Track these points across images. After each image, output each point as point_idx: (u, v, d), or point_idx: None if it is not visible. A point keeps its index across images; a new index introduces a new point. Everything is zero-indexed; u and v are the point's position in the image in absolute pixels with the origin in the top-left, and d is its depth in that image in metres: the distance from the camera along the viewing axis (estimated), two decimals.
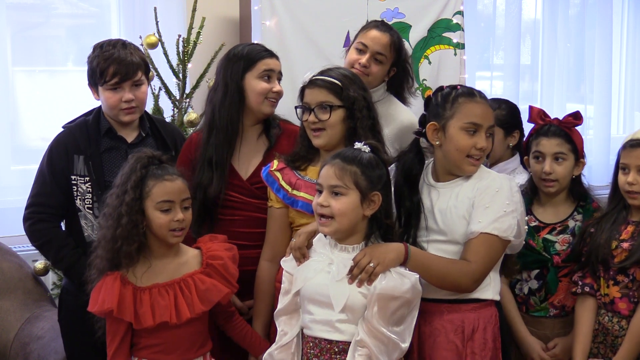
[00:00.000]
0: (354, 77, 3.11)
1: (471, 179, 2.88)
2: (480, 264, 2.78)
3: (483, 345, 2.85)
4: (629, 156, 3.09)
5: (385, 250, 2.65)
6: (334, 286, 2.62)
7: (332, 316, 2.62)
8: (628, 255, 3.05)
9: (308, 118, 3.02)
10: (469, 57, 4.66)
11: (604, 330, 3.13)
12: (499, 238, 2.78)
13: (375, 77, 3.56)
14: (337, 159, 2.66)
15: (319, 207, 2.63)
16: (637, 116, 5.90)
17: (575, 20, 5.61)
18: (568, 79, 5.61)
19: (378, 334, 2.57)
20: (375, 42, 3.54)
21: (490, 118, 2.85)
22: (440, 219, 2.86)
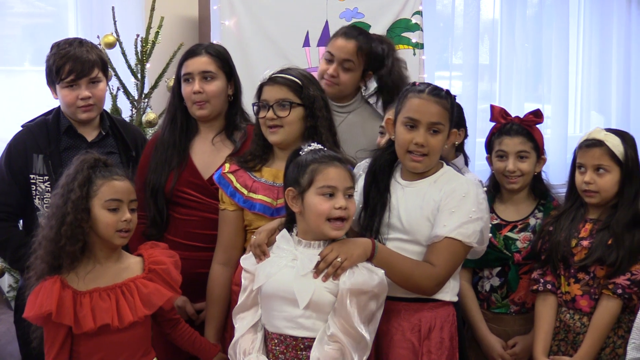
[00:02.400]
0: (312, 78, 3.12)
1: (439, 181, 2.89)
2: (444, 268, 2.80)
3: (439, 344, 2.87)
4: (585, 156, 3.13)
5: (353, 246, 2.66)
6: (299, 281, 2.61)
7: (297, 312, 2.62)
8: (588, 253, 3.08)
9: (266, 115, 3.00)
10: (428, 57, 4.69)
11: (565, 328, 3.16)
12: (462, 243, 2.80)
13: (347, 86, 3.59)
14: (336, 161, 2.66)
15: (339, 211, 2.61)
16: (594, 115, 5.97)
17: (532, 21, 5.67)
18: (526, 79, 5.66)
19: (352, 331, 2.58)
20: (341, 50, 3.55)
21: (432, 114, 2.82)
22: (405, 217, 2.87)
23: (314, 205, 2.61)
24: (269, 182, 3.04)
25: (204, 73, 3.21)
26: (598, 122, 5.84)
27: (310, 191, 2.62)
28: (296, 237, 2.71)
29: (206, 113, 3.23)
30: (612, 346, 3.10)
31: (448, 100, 2.87)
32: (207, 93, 3.20)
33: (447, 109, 2.85)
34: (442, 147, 2.87)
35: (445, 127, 2.84)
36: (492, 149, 3.36)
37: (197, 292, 3.14)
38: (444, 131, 2.85)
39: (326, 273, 2.60)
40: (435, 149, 2.84)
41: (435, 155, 2.86)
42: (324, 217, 2.60)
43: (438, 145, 2.84)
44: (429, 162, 2.86)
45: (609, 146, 3.09)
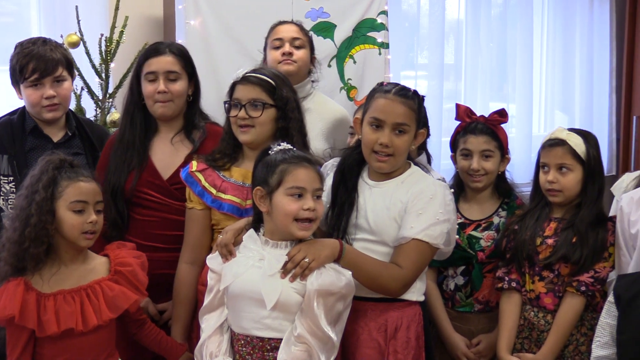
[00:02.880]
0: (285, 78, 3.11)
1: (406, 182, 2.90)
2: (411, 269, 2.81)
3: (406, 344, 2.88)
4: (548, 155, 3.17)
5: (321, 247, 2.67)
6: (266, 282, 2.61)
7: (264, 313, 2.61)
8: (553, 251, 3.12)
9: (238, 114, 2.99)
10: (393, 56, 4.70)
11: (529, 326, 3.19)
12: (429, 245, 2.82)
13: (303, 62, 3.63)
14: (305, 162, 2.67)
15: (307, 212, 2.62)
16: (558, 115, 6.01)
17: (497, 21, 5.69)
18: (491, 78, 5.67)
19: (319, 332, 2.59)
20: (287, 31, 3.64)
21: (397, 115, 2.83)
22: (372, 218, 2.88)
23: (282, 206, 2.62)
24: (238, 182, 3.03)
25: (169, 73, 3.20)
26: (562, 122, 5.90)
27: (279, 191, 2.62)
28: (263, 237, 2.70)
29: (168, 112, 3.22)
30: (575, 343, 3.15)
31: (415, 100, 2.88)
32: (171, 93, 3.20)
33: (414, 110, 2.86)
34: (408, 147, 2.89)
35: (411, 127, 2.85)
36: (457, 148, 3.39)
37: (159, 293, 3.14)
38: (410, 132, 2.85)
39: (293, 273, 2.61)
40: (400, 150, 2.85)
41: (400, 156, 2.86)
42: (292, 217, 2.61)
43: (403, 146, 2.85)
44: (395, 163, 2.87)
45: (572, 145, 3.12)
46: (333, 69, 4.30)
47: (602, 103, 6.13)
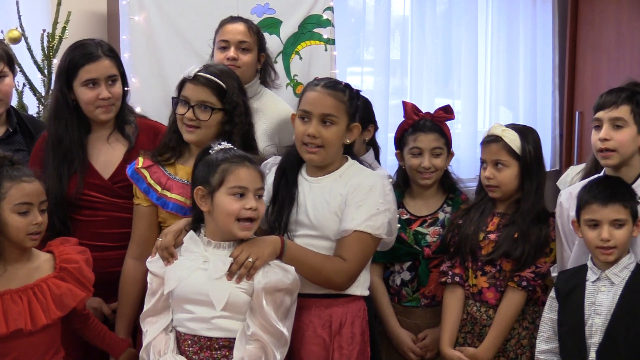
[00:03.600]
0: (236, 78, 3.10)
1: (344, 175, 2.91)
2: (355, 261, 2.83)
3: (351, 340, 2.90)
4: (485, 152, 3.22)
5: (263, 245, 2.68)
6: (214, 285, 2.62)
7: (212, 313, 2.62)
8: (495, 247, 3.15)
9: (185, 113, 2.98)
10: (339, 52, 4.70)
11: (471, 320, 3.23)
12: (371, 236, 2.83)
13: (248, 67, 3.59)
14: (247, 161, 2.68)
15: (249, 211, 2.63)
16: (503, 111, 6.06)
17: (442, 17, 5.72)
18: (436, 75, 5.71)
19: (271, 328, 2.60)
20: (234, 33, 3.58)
21: (324, 106, 2.85)
22: (312, 213, 2.89)
23: (223, 205, 2.62)
24: (183, 180, 3.03)
25: (110, 77, 3.16)
26: (506, 118, 5.96)
27: (220, 191, 2.63)
28: (205, 237, 2.70)
29: (111, 116, 3.20)
30: (517, 337, 3.19)
31: (345, 93, 2.89)
32: (114, 96, 3.17)
33: (343, 102, 2.87)
34: (339, 139, 2.88)
35: (339, 119, 2.86)
36: (405, 145, 3.39)
37: (109, 291, 3.12)
38: (339, 123, 2.86)
39: (239, 274, 2.62)
40: (329, 141, 2.86)
41: (330, 147, 2.87)
42: (234, 217, 2.62)
43: (332, 137, 2.86)
44: (326, 154, 2.88)
45: (507, 141, 3.16)
46: (279, 65, 4.27)
47: (546, 99, 6.21)
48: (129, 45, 4.03)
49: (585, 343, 2.81)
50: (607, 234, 2.77)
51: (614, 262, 2.82)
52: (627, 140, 2.91)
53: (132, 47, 4.03)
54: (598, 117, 2.95)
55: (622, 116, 2.91)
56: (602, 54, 5.98)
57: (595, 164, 3.21)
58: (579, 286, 2.87)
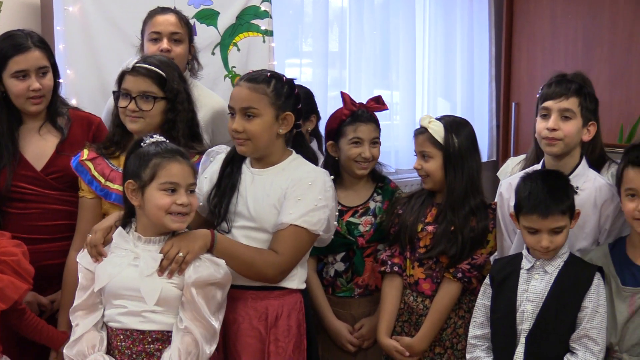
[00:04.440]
0: (175, 67, 3.11)
1: (286, 169, 2.92)
2: (288, 255, 2.83)
3: (287, 332, 2.91)
4: (415, 143, 3.25)
5: (193, 239, 2.67)
6: (145, 281, 2.61)
7: (144, 307, 2.61)
8: (431, 245, 3.18)
9: (127, 105, 2.97)
10: (278, 44, 4.69)
11: (408, 310, 3.25)
12: (307, 231, 2.84)
13: (181, 60, 3.57)
14: (179, 156, 2.67)
15: (180, 207, 2.63)
16: (440, 102, 6.10)
17: (380, 9, 5.72)
18: (375, 66, 5.71)
19: (203, 322, 2.60)
20: (166, 24, 3.56)
21: (242, 100, 2.86)
22: (252, 205, 2.89)
23: (154, 200, 2.61)
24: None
25: (40, 69, 3.13)
26: (444, 109, 6.00)
27: (151, 186, 2.62)
28: (136, 232, 2.69)
29: (42, 107, 3.18)
30: (453, 326, 3.22)
31: (270, 84, 2.88)
32: (44, 88, 3.15)
33: (266, 93, 2.86)
34: (265, 131, 2.87)
35: (262, 111, 2.85)
36: (342, 136, 3.38)
37: (45, 284, 3.10)
38: (262, 115, 2.85)
39: (170, 270, 2.61)
40: (253, 133, 2.86)
41: (258, 140, 2.87)
42: (164, 211, 2.61)
43: (255, 130, 2.86)
44: (254, 147, 2.88)
45: (431, 132, 3.18)
46: (217, 57, 4.27)
47: (482, 90, 6.27)
48: (64, 36, 3.97)
49: (516, 329, 2.85)
50: (547, 242, 2.81)
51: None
52: (574, 132, 2.97)
53: (66, 38, 3.96)
54: (547, 106, 2.98)
55: (571, 108, 2.96)
56: (538, 45, 6.07)
57: (536, 154, 3.26)
58: (513, 274, 2.91)
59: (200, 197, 2.97)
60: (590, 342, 2.78)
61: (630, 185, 2.79)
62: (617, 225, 2.99)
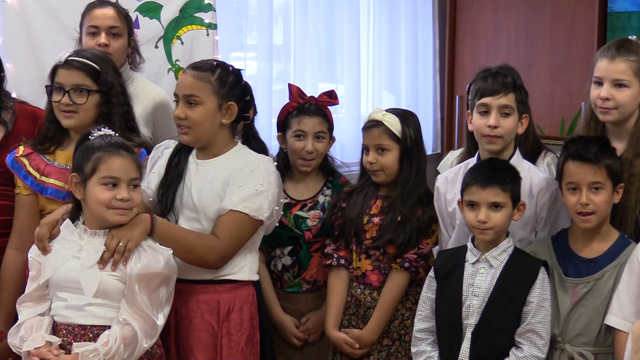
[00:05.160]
0: (109, 61, 3.10)
1: (231, 159, 2.92)
2: (229, 240, 2.83)
3: (239, 325, 2.91)
4: (367, 137, 3.25)
5: (132, 226, 2.66)
6: (85, 272, 2.59)
7: (85, 301, 2.60)
8: (379, 234, 3.19)
9: (61, 99, 2.95)
10: (222, 37, 4.67)
11: (356, 302, 3.27)
12: (249, 217, 2.84)
13: (120, 54, 3.53)
14: (123, 150, 2.65)
15: (121, 202, 2.62)
16: (385, 95, 6.12)
17: (324, 2, 5.71)
18: (319, 60, 5.71)
19: (144, 316, 2.59)
20: (104, 18, 3.50)
21: (185, 87, 2.87)
22: (196, 195, 2.90)
23: (94, 194, 2.60)
24: (62, 165, 3.01)
25: None
26: (389, 102, 6.01)
27: (92, 180, 2.61)
28: (82, 225, 2.68)
29: None
30: (401, 318, 3.25)
31: (214, 72, 2.88)
32: None
33: (209, 81, 2.87)
34: (208, 119, 2.88)
35: (204, 99, 2.85)
36: (288, 128, 3.39)
37: None
38: (205, 103, 2.86)
39: (114, 261, 2.60)
40: (195, 121, 2.86)
41: (199, 127, 2.87)
42: (105, 206, 2.59)
43: (197, 117, 2.86)
44: (195, 135, 2.89)
45: (387, 126, 3.20)
46: (160, 50, 4.23)
47: (427, 84, 6.29)
48: (2, 29, 3.91)
49: (462, 323, 2.86)
50: (484, 215, 2.82)
51: (493, 245, 2.88)
52: (512, 127, 3.00)
53: (5, 31, 3.91)
54: (486, 103, 3.00)
55: (510, 104, 2.99)
56: (481, 39, 6.11)
57: (468, 149, 3.30)
58: (458, 267, 2.92)
59: (149, 192, 2.98)
60: (535, 336, 2.80)
61: (570, 179, 2.82)
62: (553, 214, 3.03)
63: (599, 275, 2.81)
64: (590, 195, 2.77)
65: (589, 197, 2.77)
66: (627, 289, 2.71)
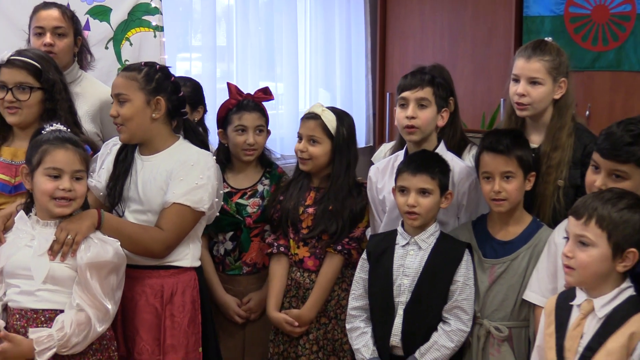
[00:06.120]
0: (50, 60, 3.07)
1: (173, 154, 2.92)
2: (172, 231, 2.84)
3: (182, 308, 2.91)
4: (303, 126, 3.28)
5: (80, 220, 2.65)
6: (35, 260, 2.58)
7: (36, 287, 2.59)
8: (313, 225, 3.22)
9: (5, 97, 2.92)
10: (169, 39, 4.64)
11: (296, 285, 3.29)
12: (190, 209, 2.85)
13: (65, 53, 3.48)
14: (69, 144, 2.65)
15: (63, 192, 2.61)
16: (322, 92, 6.13)
17: (264, 6, 5.72)
18: (260, 59, 5.70)
19: (97, 303, 2.58)
20: (49, 19, 3.45)
21: (116, 87, 2.88)
22: (141, 189, 2.89)
23: (39, 185, 2.60)
24: (7, 160, 2.98)
25: None
26: (325, 99, 6.01)
27: (38, 170, 2.60)
28: (35, 216, 2.66)
29: None
30: (337, 298, 3.28)
31: (141, 71, 2.88)
32: None
33: (136, 79, 2.86)
34: (136, 115, 2.88)
35: (131, 95, 2.85)
36: (229, 124, 3.39)
37: None
38: (132, 100, 2.86)
39: (62, 252, 2.59)
40: (125, 117, 2.87)
41: (129, 123, 2.87)
42: (48, 196, 2.58)
43: (126, 113, 2.86)
44: (128, 130, 2.89)
45: (324, 120, 3.23)
46: (110, 51, 4.19)
47: (360, 82, 6.31)
48: None
49: (394, 301, 2.90)
50: (414, 200, 2.86)
51: (421, 229, 2.91)
52: (430, 119, 3.02)
53: None
54: (404, 96, 3.03)
55: (426, 97, 3.01)
56: (409, 41, 6.15)
57: (400, 141, 3.32)
58: (389, 249, 2.95)
59: (100, 187, 2.97)
60: (461, 312, 2.85)
61: (485, 169, 2.86)
62: (473, 202, 3.07)
63: (514, 256, 2.85)
64: (502, 183, 2.82)
65: (501, 185, 2.81)
66: (545, 269, 2.75)
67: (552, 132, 3.00)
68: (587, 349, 2.30)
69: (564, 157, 2.95)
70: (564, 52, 3.04)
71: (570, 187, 2.93)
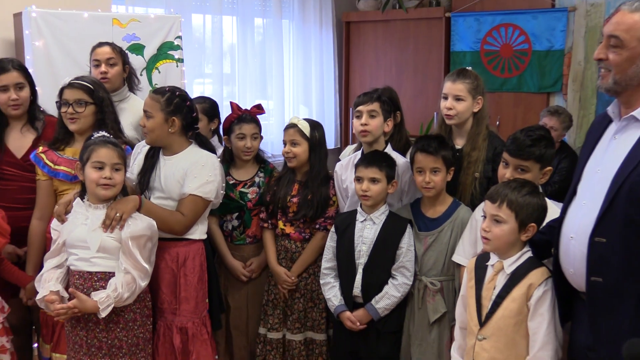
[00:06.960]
0: (100, 83, 3.09)
1: (186, 156, 2.90)
2: (190, 216, 2.86)
3: (192, 269, 2.92)
4: (285, 134, 3.26)
5: (126, 202, 2.67)
6: (90, 234, 2.60)
7: (91, 254, 2.59)
8: (297, 210, 3.19)
9: (67, 110, 2.93)
10: (188, 68, 4.65)
11: (285, 250, 3.26)
12: (202, 198, 2.86)
13: (116, 78, 3.52)
14: (109, 144, 2.64)
15: (105, 179, 2.61)
16: (302, 108, 6.14)
17: (259, 44, 5.72)
18: (256, 83, 5.70)
19: (138, 265, 2.59)
20: (102, 53, 3.50)
21: (145, 105, 2.85)
22: (163, 181, 2.89)
23: (88, 175, 2.61)
24: (69, 157, 2.99)
25: (17, 84, 3.07)
26: (304, 112, 6.03)
27: (87, 165, 2.62)
28: (87, 201, 2.67)
29: (19, 112, 3.12)
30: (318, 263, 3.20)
31: (164, 95, 2.84)
32: (21, 98, 3.09)
33: (158, 101, 2.84)
34: (158, 128, 2.84)
35: (154, 113, 2.82)
36: (232, 132, 3.35)
37: (22, 240, 3.03)
38: (154, 117, 2.82)
39: (112, 226, 2.60)
40: (149, 129, 2.85)
41: (152, 133, 2.85)
42: (95, 183, 2.59)
43: (150, 125, 2.85)
44: (151, 138, 2.87)
45: (300, 127, 3.21)
46: (144, 77, 4.19)
47: (330, 99, 6.30)
48: (32, 63, 3.81)
49: (355, 263, 2.93)
50: (366, 186, 2.88)
51: (374, 208, 2.93)
52: (378, 125, 3.03)
53: (34, 65, 3.81)
54: (359, 109, 3.03)
55: (375, 109, 3.01)
56: (366, 68, 6.17)
57: (359, 143, 3.32)
58: (351, 224, 2.98)
59: (133, 178, 2.97)
60: (405, 270, 2.87)
61: (418, 165, 2.86)
62: (412, 188, 3.06)
63: (440, 229, 2.87)
64: (431, 176, 2.83)
65: (430, 177, 2.83)
66: (468, 238, 2.76)
67: (471, 137, 2.97)
68: (498, 296, 2.32)
69: (480, 155, 2.93)
70: (480, 78, 3.04)
71: (484, 178, 2.92)
